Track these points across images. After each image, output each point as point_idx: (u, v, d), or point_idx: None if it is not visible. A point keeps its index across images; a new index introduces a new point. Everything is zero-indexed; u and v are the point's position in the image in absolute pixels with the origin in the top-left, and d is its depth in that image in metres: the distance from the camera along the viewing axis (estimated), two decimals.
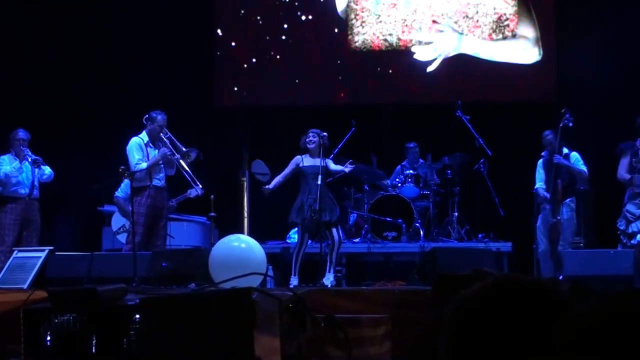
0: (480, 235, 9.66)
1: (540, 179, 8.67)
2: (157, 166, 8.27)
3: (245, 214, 10.15)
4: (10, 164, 8.72)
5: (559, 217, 8.41)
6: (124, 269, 7.24)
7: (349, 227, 9.96)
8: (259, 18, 11.42)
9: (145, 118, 8.36)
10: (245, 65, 11.37)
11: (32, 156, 8.71)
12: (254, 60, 11.38)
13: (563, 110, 8.46)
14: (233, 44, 11.48)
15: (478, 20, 10.99)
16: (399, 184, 9.98)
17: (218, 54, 11.45)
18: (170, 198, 8.99)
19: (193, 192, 8.65)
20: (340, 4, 11.21)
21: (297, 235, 8.48)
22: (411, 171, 10.03)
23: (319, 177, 8.16)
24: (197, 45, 11.17)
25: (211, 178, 8.79)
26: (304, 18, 11.38)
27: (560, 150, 8.44)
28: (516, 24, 10.94)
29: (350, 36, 11.19)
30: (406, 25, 11.07)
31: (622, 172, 8.10)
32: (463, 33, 10.99)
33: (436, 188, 9.98)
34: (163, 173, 8.36)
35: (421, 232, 9.62)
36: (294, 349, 3.51)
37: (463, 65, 10.99)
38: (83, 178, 9.43)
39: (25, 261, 7.39)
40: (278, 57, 11.36)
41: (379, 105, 11.18)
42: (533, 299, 1.33)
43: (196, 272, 7.00)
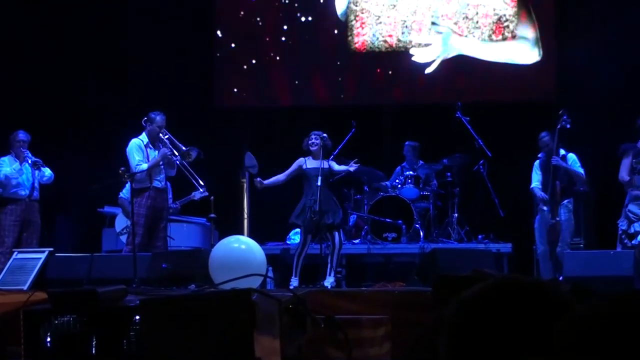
0: (480, 236, 9.65)
1: (536, 180, 8.67)
2: (158, 167, 8.27)
3: (245, 215, 10.12)
4: (10, 165, 8.72)
5: (558, 219, 8.41)
6: (124, 270, 7.24)
7: (349, 228, 9.95)
8: (258, 19, 11.43)
9: (144, 120, 8.36)
10: (245, 66, 11.37)
11: (32, 158, 8.72)
12: (253, 61, 11.39)
13: (560, 112, 8.45)
14: (233, 45, 11.49)
15: (478, 22, 10.98)
16: (399, 185, 9.97)
17: (218, 54, 11.46)
18: (174, 200, 9.01)
19: (198, 195, 8.65)
20: (340, 6, 11.21)
21: (300, 237, 8.49)
22: (411, 172, 10.03)
23: (318, 179, 8.18)
24: (197, 45, 11.18)
25: (211, 179, 8.78)
26: (303, 19, 11.38)
27: (557, 152, 8.44)
28: (516, 25, 10.94)
29: (350, 37, 11.19)
30: (406, 26, 11.07)
31: (623, 174, 8.09)
32: (463, 34, 10.99)
33: (436, 189, 9.98)
34: (163, 174, 8.36)
35: (421, 233, 9.62)
36: (294, 349, 3.51)
37: (463, 66, 10.99)
38: (83, 179, 9.43)
39: (25, 262, 7.39)
40: (278, 58, 11.37)
41: (379, 106, 11.18)
42: (533, 300, 1.33)
43: (196, 273, 7.01)
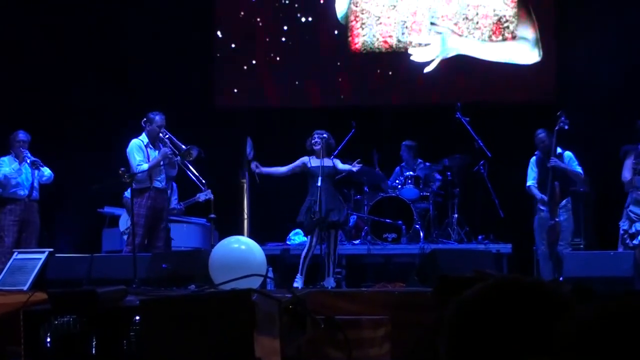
0: (480, 237, 9.64)
1: (532, 177, 8.67)
2: (158, 167, 8.27)
3: (245, 216, 10.12)
4: (9, 165, 8.71)
5: (557, 219, 8.41)
6: (123, 270, 7.23)
7: (349, 229, 9.95)
8: (258, 20, 11.43)
9: (144, 120, 8.36)
10: (245, 67, 11.37)
11: (31, 157, 8.70)
12: (253, 61, 11.39)
13: (559, 113, 8.45)
14: (233, 45, 11.49)
15: (478, 22, 10.98)
16: (399, 186, 9.97)
17: (218, 55, 11.45)
18: (179, 201, 9.01)
19: (202, 197, 8.64)
20: (340, 9, 11.20)
21: (306, 237, 8.55)
22: (411, 172, 10.02)
23: (319, 179, 8.18)
24: (197, 46, 11.18)
25: (211, 179, 8.78)
26: (303, 20, 11.38)
27: (555, 153, 8.44)
28: (516, 25, 10.94)
29: (350, 38, 11.19)
30: (406, 27, 11.07)
31: (626, 174, 8.09)
32: (463, 35, 10.99)
33: (436, 189, 9.98)
34: (164, 174, 8.36)
35: (421, 234, 9.61)
36: (294, 350, 3.51)
37: (463, 67, 10.98)
38: (83, 179, 9.42)
39: (25, 263, 7.38)
40: (278, 59, 11.37)
41: (379, 106, 11.17)
42: (533, 300, 1.33)
43: (196, 274, 7.00)
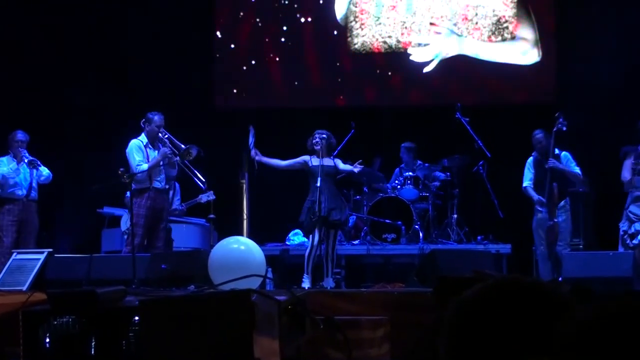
0: (479, 237, 9.65)
1: (528, 178, 8.67)
2: (158, 167, 8.27)
3: (245, 216, 10.13)
4: (7, 165, 8.70)
5: (556, 220, 8.41)
6: (123, 271, 7.22)
7: (348, 229, 9.95)
8: (258, 20, 11.42)
9: (143, 121, 8.36)
10: (244, 67, 11.37)
11: (28, 157, 8.66)
12: (253, 62, 11.38)
13: (557, 114, 8.44)
14: (233, 45, 11.48)
15: (477, 23, 10.98)
16: (398, 186, 9.97)
17: (217, 55, 11.45)
18: (181, 202, 9.01)
19: (204, 198, 8.64)
20: (339, 9, 11.20)
21: (307, 237, 8.55)
22: (410, 173, 10.02)
23: (318, 179, 8.18)
24: (197, 46, 11.18)
25: (210, 179, 8.78)
26: (303, 20, 11.37)
27: (553, 154, 8.43)
28: (516, 26, 10.94)
29: (349, 38, 11.19)
30: (405, 27, 11.07)
31: (626, 174, 8.10)
32: (462, 35, 10.99)
33: (435, 190, 9.97)
34: (163, 174, 8.36)
35: (420, 234, 9.61)
36: (293, 350, 3.51)
37: (463, 67, 10.98)
38: (83, 179, 9.42)
39: (25, 263, 7.37)
40: (277, 59, 11.36)
41: (379, 107, 11.16)
42: (533, 300, 1.33)
43: (195, 274, 7.00)
